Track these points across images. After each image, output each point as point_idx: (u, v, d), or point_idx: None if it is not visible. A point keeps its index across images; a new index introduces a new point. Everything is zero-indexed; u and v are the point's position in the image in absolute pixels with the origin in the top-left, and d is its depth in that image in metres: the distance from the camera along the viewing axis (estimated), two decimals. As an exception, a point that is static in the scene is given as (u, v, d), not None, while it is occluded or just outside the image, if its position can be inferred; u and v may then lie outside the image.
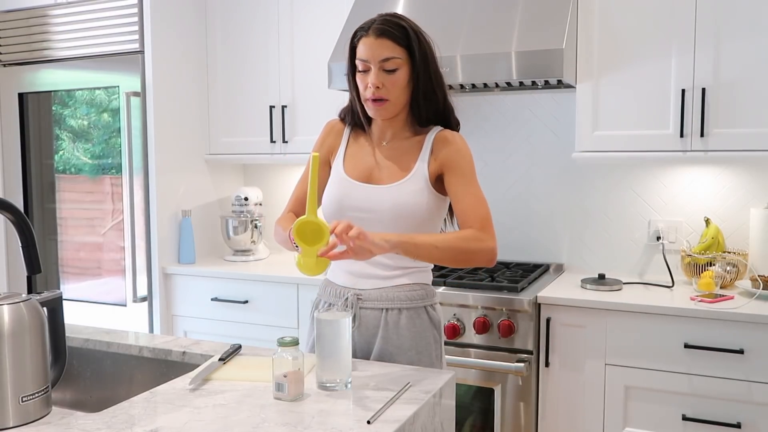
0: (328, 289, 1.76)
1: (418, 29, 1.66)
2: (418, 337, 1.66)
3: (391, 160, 1.70)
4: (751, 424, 2.15)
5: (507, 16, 2.52)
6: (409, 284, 1.68)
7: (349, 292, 1.68)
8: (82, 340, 1.74)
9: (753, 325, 2.13)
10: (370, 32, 1.61)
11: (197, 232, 3.21)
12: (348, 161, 1.74)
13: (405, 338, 1.65)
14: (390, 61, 1.60)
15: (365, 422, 1.19)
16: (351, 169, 1.72)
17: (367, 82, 1.62)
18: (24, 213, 1.57)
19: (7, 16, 3.29)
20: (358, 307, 1.67)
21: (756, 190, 2.63)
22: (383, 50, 1.59)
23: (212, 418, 1.21)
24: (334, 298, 1.72)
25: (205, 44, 3.26)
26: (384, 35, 1.60)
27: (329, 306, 1.73)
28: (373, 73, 1.60)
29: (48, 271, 3.32)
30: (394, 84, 1.61)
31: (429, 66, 1.65)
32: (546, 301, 2.37)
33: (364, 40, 1.61)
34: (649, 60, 2.46)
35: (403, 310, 1.66)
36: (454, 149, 1.66)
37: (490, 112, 3.02)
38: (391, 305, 1.66)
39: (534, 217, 2.98)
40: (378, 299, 1.66)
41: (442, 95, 1.70)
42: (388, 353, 1.64)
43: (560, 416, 2.39)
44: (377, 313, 1.66)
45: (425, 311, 1.69)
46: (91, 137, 3.19)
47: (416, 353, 1.65)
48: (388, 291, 1.66)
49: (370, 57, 1.60)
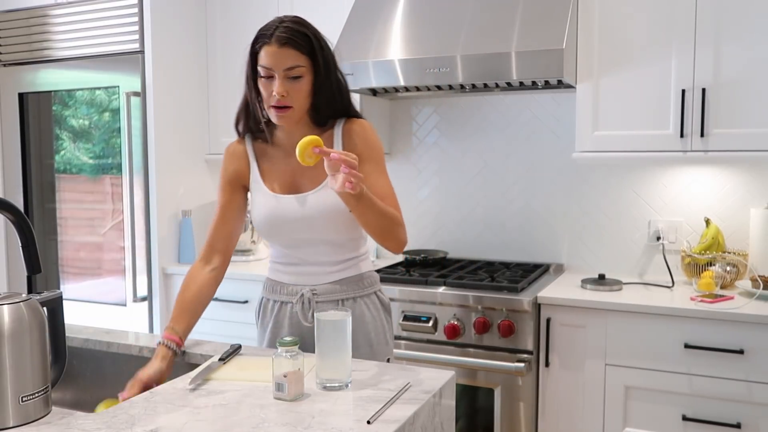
0: (277, 288, 1.76)
1: (320, 35, 1.67)
2: (375, 321, 1.75)
3: None
4: (751, 424, 2.15)
5: (507, 16, 2.52)
6: (357, 274, 1.75)
7: (303, 288, 1.72)
8: (82, 340, 1.74)
9: (753, 325, 2.13)
10: (273, 40, 1.60)
11: (197, 232, 3.21)
12: (266, 178, 1.74)
13: (364, 323, 1.73)
14: (294, 70, 1.61)
15: (365, 422, 1.19)
16: (273, 185, 1.72)
17: (271, 89, 1.62)
18: (24, 213, 1.57)
19: (7, 16, 3.29)
20: (314, 302, 1.71)
21: (756, 190, 2.63)
22: (287, 59, 1.60)
23: (212, 418, 1.21)
24: (287, 296, 1.74)
25: (205, 44, 3.26)
26: (288, 44, 1.60)
27: (281, 305, 1.75)
28: (277, 82, 1.61)
29: (48, 271, 3.32)
30: (298, 91, 1.62)
31: (331, 72, 1.67)
32: (546, 301, 2.37)
33: (267, 48, 1.61)
34: (650, 60, 2.46)
35: (358, 298, 1.73)
36: (363, 138, 1.70)
37: (490, 112, 3.02)
38: (346, 296, 1.72)
39: (534, 217, 2.98)
40: (333, 292, 1.72)
41: (345, 97, 1.72)
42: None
43: (560, 416, 2.39)
44: (333, 305, 1.71)
45: (376, 296, 1.78)
46: (91, 137, 3.19)
47: (375, 335, 1.74)
48: (340, 284, 1.73)
49: (274, 65, 1.60)
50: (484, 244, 3.07)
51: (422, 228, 3.19)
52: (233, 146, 1.80)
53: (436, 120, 3.11)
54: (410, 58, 2.56)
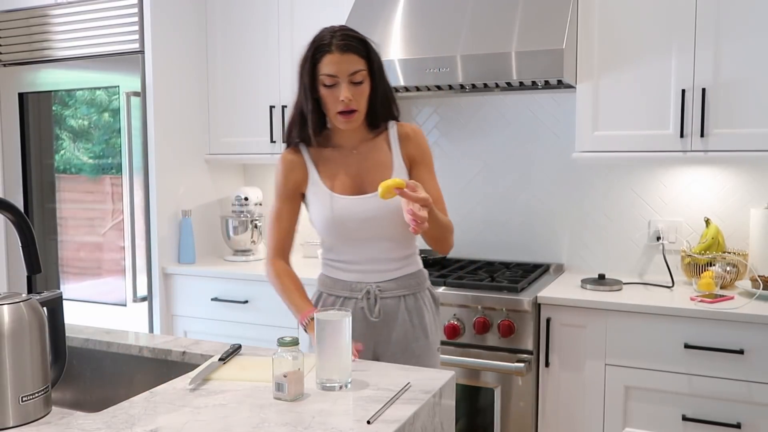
0: (338, 284, 1.85)
1: (369, 40, 1.76)
2: (430, 314, 1.88)
3: (368, 164, 1.80)
4: (751, 424, 2.15)
5: (507, 16, 2.52)
6: (415, 272, 1.86)
7: (369, 285, 1.81)
8: (82, 340, 1.74)
9: (753, 325, 2.13)
10: (334, 49, 1.68)
11: (197, 232, 3.21)
12: (327, 179, 1.81)
13: (423, 317, 1.85)
14: (357, 74, 1.70)
15: (365, 422, 1.19)
16: (336, 186, 1.80)
17: (337, 95, 1.70)
18: (24, 213, 1.57)
19: (7, 16, 3.29)
20: (379, 298, 1.81)
21: (756, 190, 2.63)
22: (350, 65, 1.69)
23: (212, 418, 1.21)
24: (350, 293, 1.83)
25: (205, 44, 3.26)
26: (349, 50, 1.69)
27: (343, 300, 1.83)
28: (343, 87, 1.69)
29: (48, 271, 3.32)
30: (361, 95, 1.72)
31: (383, 73, 1.77)
32: (546, 301, 2.37)
33: (330, 56, 1.69)
34: (650, 60, 2.46)
35: (418, 294, 1.85)
36: (418, 143, 1.83)
37: (490, 112, 3.02)
38: (408, 291, 1.83)
39: (534, 217, 2.98)
40: (396, 288, 1.82)
41: (393, 96, 1.83)
42: (411, 333, 1.82)
43: (560, 416, 2.39)
44: (396, 301, 1.82)
45: (429, 292, 1.90)
46: (91, 137, 3.19)
47: (430, 327, 1.86)
48: (402, 280, 1.83)
49: (338, 72, 1.68)
50: (484, 244, 3.07)
51: (422, 228, 3.18)
52: (290, 156, 1.85)
53: (436, 120, 3.11)
54: (410, 58, 2.56)
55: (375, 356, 1.84)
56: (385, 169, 1.78)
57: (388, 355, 1.82)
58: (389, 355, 1.82)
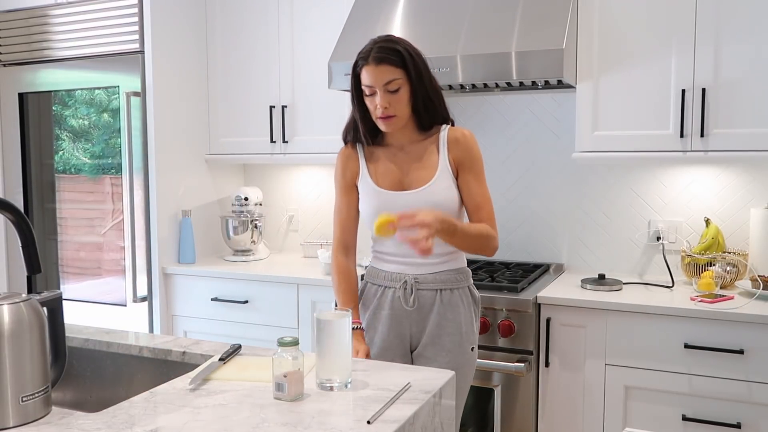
0: (380, 275, 1.95)
1: (410, 46, 1.85)
2: (467, 312, 1.92)
3: (414, 164, 1.90)
4: (751, 424, 2.15)
5: (507, 16, 2.52)
6: (455, 269, 1.92)
7: (407, 276, 1.90)
8: (82, 340, 1.74)
9: (753, 325, 2.13)
10: (370, 61, 1.81)
11: (197, 232, 3.21)
12: (374, 174, 1.93)
13: (458, 313, 1.89)
14: (392, 83, 1.80)
15: (365, 422, 1.19)
16: (381, 181, 1.91)
17: (376, 103, 1.82)
18: (24, 213, 1.57)
19: (7, 16, 3.29)
20: (416, 289, 1.88)
21: (756, 190, 2.63)
22: (384, 75, 1.80)
23: (212, 418, 1.21)
24: (390, 282, 1.92)
25: (205, 44, 3.26)
26: (383, 62, 1.80)
27: (384, 289, 1.92)
28: (379, 96, 1.81)
29: (48, 271, 3.32)
30: (398, 101, 1.82)
31: (424, 79, 1.85)
32: (546, 301, 2.37)
33: (366, 68, 1.82)
34: (649, 60, 2.46)
35: (455, 290, 1.90)
36: (467, 148, 1.90)
37: (490, 112, 3.02)
38: (444, 286, 1.90)
39: (534, 217, 2.98)
40: (433, 282, 1.89)
41: (439, 99, 1.91)
42: (443, 327, 1.88)
43: (560, 416, 2.39)
44: (432, 293, 1.89)
45: (469, 290, 1.95)
46: (91, 137, 3.19)
47: (465, 324, 1.90)
48: (440, 275, 1.90)
49: (374, 82, 1.81)
50: (484, 244, 3.07)
51: (422, 228, 3.18)
52: (347, 151, 1.99)
53: (436, 120, 3.11)
54: (410, 58, 2.56)
55: (410, 342, 1.93)
56: (429, 169, 1.87)
57: (421, 344, 1.91)
58: (421, 344, 1.91)
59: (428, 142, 1.91)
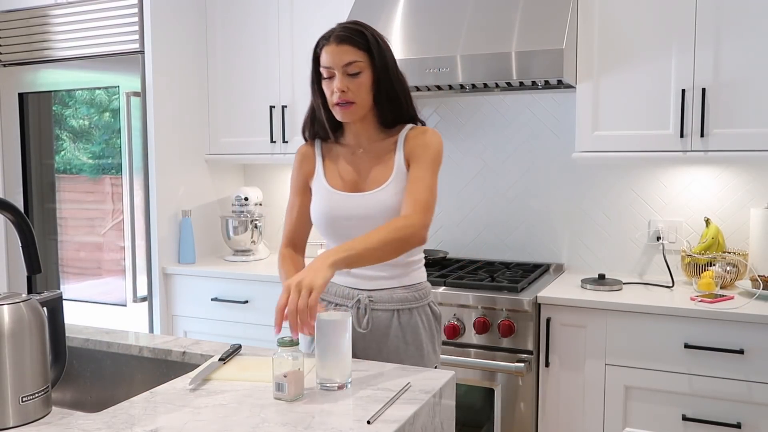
0: (331, 289, 1.78)
1: (378, 34, 1.72)
2: (428, 331, 1.76)
3: (370, 164, 1.75)
4: (751, 424, 2.15)
5: (507, 16, 2.52)
6: (414, 284, 1.76)
7: (360, 294, 1.73)
8: (82, 340, 1.74)
9: (753, 325, 2.13)
10: (331, 40, 1.67)
11: (197, 232, 3.21)
12: (329, 174, 1.78)
13: (418, 335, 1.73)
14: (352, 65, 1.66)
15: (365, 422, 1.19)
16: (334, 181, 1.77)
17: (333, 88, 1.67)
18: (24, 213, 1.57)
19: (7, 16, 3.29)
20: (370, 309, 1.72)
21: (756, 190, 2.63)
22: (345, 55, 1.66)
23: (212, 418, 1.21)
24: (341, 299, 1.76)
25: (205, 44, 3.26)
26: (345, 41, 1.66)
27: (335, 306, 1.76)
28: (337, 78, 1.66)
29: (48, 271, 3.32)
30: (358, 87, 1.67)
31: (389, 69, 1.70)
32: (546, 301, 2.37)
33: (327, 48, 1.68)
34: (649, 60, 2.46)
35: (414, 309, 1.74)
36: (420, 141, 1.72)
37: (490, 112, 3.02)
38: (402, 306, 1.73)
39: (534, 217, 2.98)
40: (389, 301, 1.72)
41: (404, 96, 1.75)
42: (403, 351, 1.71)
43: (560, 416, 2.39)
44: (388, 315, 1.73)
45: (429, 308, 1.78)
46: (91, 137, 3.19)
47: (426, 345, 1.75)
48: (397, 292, 1.73)
49: (333, 63, 1.66)
50: (484, 244, 3.07)
51: (422, 228, 3.18)
52: (303, 149, 1.85)
53: (436, 120, 3.11)
54: (410, 58, 2.56)
55: None
56: (385, 171, 1.72)
57: None
58: None
59: (389, 141, 1.75)
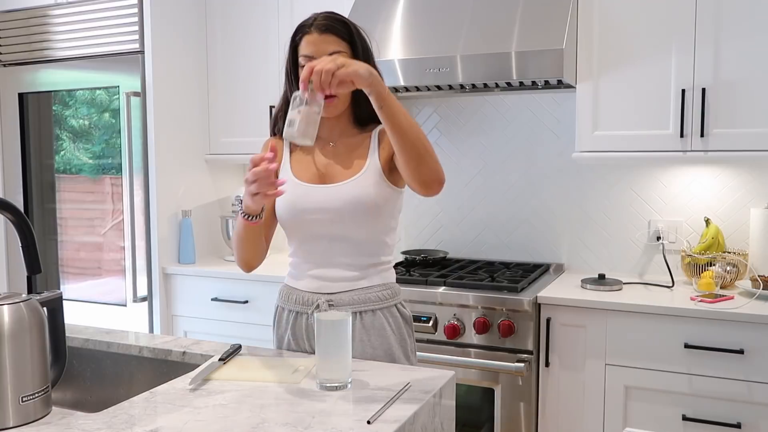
0: (292, 296, 1.71)
1: (358, 26, 1.67)
2: (396, 334, 1.68)
3: (341, 157, 1.67)
4: (751, 424, 2.15)
5: (507, 16, 2.52)
6: (378, 285, 1.67)
7: (320, 298, 1.66)
8: (82, 340, 1.74)
9: (753, 325, 2.13)
10: (313, 29, 1.60)
11: (197, 232, 3.21)
12: (295, 166, 1.70)
13: (385, 337, 1.66)
14: (336, 55, 1.54)
15: (365, 422, 1.19)
16: (301, 173, 1.68)
17: None
18: (24, 213, 1.57)
19: (7, 16, 3.29)
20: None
21: (756, 190, 2.63)
22: (328, 45, 1.59)
23: (212, 418, 1.21)
24: (302, 306, 1.68)
25: (205, 44, 3.26)
26: (328, 31, 1.60)
27: (296, 315, 1.70)
28: None
29: (48, 271, 3.32)
30: None
31: (370, 62, 1.63)
32: (546, 301, 2.37)
33: (308, 37, 1.61)
34: (649, 60, 2.46)
35: (377, 311, 1.66)
36: None
37: (490, 112, 3.02)
38: (365, 308, 1.65)
39: (534, 217, 2.98)
40: (351, 303, 1.64)
41: None
42: (369, 355, 1.64)
43: (560, 416, 2.39)
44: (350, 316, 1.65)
45: (396, 309, 1.70)
46: (91, 137, 3.19)
47: (397, 349, 1.67)
48: (359, 293, 1.65)
49: (315, 52, 1.59)
50: (484, 244, 3.07)
51: (422, 228, 3.19)
52: (273, 141, 1.75)
53: (436, 120, 3.11)
54: (410, 58, 2.56)
55: None
56: (356, 164, 1.64)
57: None
58: None
59: (362, 137, 1.68)
